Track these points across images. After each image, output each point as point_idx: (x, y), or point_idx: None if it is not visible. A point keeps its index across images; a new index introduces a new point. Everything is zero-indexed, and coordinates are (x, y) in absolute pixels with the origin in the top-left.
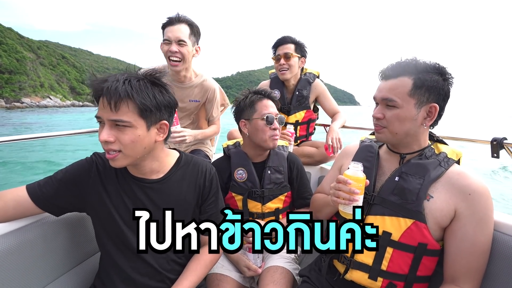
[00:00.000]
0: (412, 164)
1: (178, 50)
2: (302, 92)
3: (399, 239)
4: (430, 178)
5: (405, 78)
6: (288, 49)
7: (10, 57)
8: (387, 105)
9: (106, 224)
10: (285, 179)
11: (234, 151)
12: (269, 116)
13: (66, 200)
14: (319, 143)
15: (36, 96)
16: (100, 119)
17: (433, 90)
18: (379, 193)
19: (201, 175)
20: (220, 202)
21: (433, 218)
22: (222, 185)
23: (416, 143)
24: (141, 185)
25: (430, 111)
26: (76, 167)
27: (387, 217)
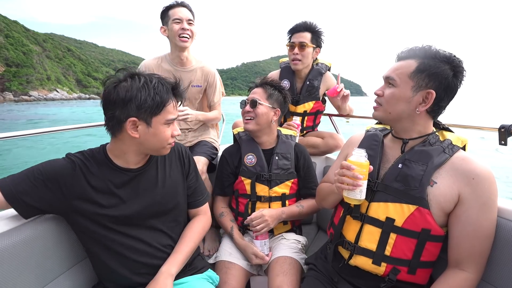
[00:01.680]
0: (415, 151)
1: (189, 28)
2: (313, 83)
3: (403, 225)
4: (433, 165)
5: (411, 61)
6: (303, 38)
7: (17, 50)
8: (389, 84)
9: (93, 224)
10: (292, 165)
11: (245, 138)
12: (242, 100)
13: (44, 199)
14: (325, 133)
15: (43, 89)
16: (173, 119)
17: (435, 77)
18: (383, 180)
19: (178, 153)
20: (199, 176)
21: (437, 204)
22: (233, 169)
23: (415, 129)
24: (128, 173)
25: (426, 97)
26: (56, 165)
27: (390, 203)
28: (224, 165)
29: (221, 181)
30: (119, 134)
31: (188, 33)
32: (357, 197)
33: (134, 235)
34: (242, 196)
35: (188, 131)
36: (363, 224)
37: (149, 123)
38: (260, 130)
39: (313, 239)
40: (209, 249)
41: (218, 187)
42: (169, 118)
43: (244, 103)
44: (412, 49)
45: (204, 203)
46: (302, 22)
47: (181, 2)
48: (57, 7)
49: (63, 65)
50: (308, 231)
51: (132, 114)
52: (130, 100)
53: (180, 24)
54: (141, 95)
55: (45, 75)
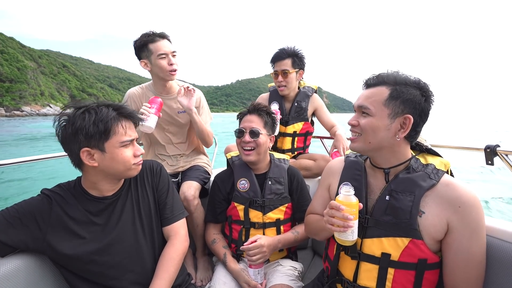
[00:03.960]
0: (400, 180)
1: (175, 62)
2: (301, 104)
3: (399, 259)
4: (420, 193)
5: (383, 88)
6: (285, 66)
7: (11, 66)
8: (362, 113)
9: (73, 258)
10: (285, 190)
11: (237, 162)
12: (238, 129)
13: (19, 238)
14: (317, 156)
15: (36, 104)
16: (132, 140)
17: (409, 103)
18: (372, 215)
19: (149, 170)
20: (171, 191)
21: (427, 233)
22: (225, 195)
23: (394, 156)
24: (105, 201)
25: (404, 122)
26: (31, 202)
27: (383, 238)
28: (216, 191)
29: (213, 208)
30: (82, 166)
31: (175, 67)
32: (349, 238)
33: (116, 263)
34: (235, 222)
35: (180, 156)
36: (359, 262)
37: (103, 149)
38: (260, 159)
39: (309, 264)
40: (201, 279)
41: (210, 214)
42: (122, 140)
43: (242, 133)
44: (380, 76)
45: (175, 220)
46: (281, 50)
47: (160, 33)
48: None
49: (58, 80)
50: (303, 256)
51: (83, 145)
52: (76, 132)
53: (166, 59)
54: (85, 124)
55: (38, 91)
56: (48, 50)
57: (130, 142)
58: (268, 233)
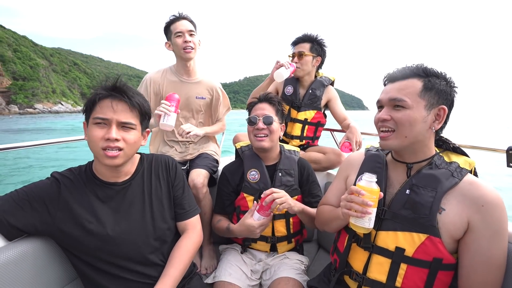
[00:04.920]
0: (422, 175)
1: (191, 40)
2: (315, 92)
3: (413, 255)
4: (442, 190)
5: (414, 80)
6: (302, 48)
7: (24, 64)
8: (395, 106)
9: (81, 244)
10: (295, 182)
11: (247, 153)
12: (251, 117)
13: (29, 221)
14: (326, 149)
15: (48, 102)
16: (106, 120)
17: (442, 94)
18: (390, 207)
19: (164, 165)
20: (187, 187)
21: (446, 231)
22: (234, 187)
23: (422, 150)
24: (115, 188)
25: (438, 114)
26: (41, 186)
27: (399, 232)
28: (224, 183)
29: (221, 200)
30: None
31: (191, 44)
32: (365, 226)
33: (123, 253)
34: (243, 213)
35: (189, 143)
36: (371, 254)
37: (87, 123)
38: (273, 147)
39: (314, 258)
40: (206, 267)
41: (219, 206)
42: (96, 116)
43: (256, 120)
44: (408, 68)
45: (192, 215)
46: (303, 35)
47: (180, 15)
48: (65, 23)
49: (69, 78)
50: (308, 249)
51: (86, 117)
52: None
53: (182, 37)
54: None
55: (50, 88)
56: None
57: (102, 121)
58: (277, 225)
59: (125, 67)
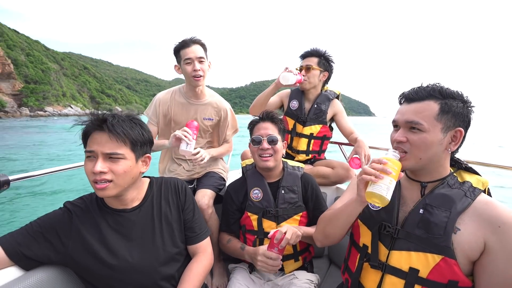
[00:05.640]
0: (436, 195)
1: (200, 68)
2: (321, 106)
3: (428, 276)
4: (456, 210)
5: (431, 102)
6: (310, 62)
7: (36, 68)
8: (411, 128)
9: (95, 274)
10: (299, 198)
11: (250, 171)
12: (255, 138)
13: (43, 252)
14: (335, 163)
15: (58, 105)
16: (93, 153)
17: (459, 116)
18: (403, 227)
19: (173, 188)
20: (197, 210)
21: (462, 252)
22: (238, 205)
23: (437, 170)
24: (125, 215)
25: (455, 135)
26: (53, 216)
27: (413, 252)
28: (229, 201)
29: (227, 218)
30: None
31: (200, 73)
32: (383, 193)
33: (135, 281)
34: (249, 232)
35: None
36: (384, 274)
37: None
38: (276, 166)
39: (325, 274)
40: (217, 286)
41: (224, 224)
42: (86, 149)
43: (260, 140)
44: (423, 89)
45: (203, 238)
46: (311, 49)
47: (190, 39)
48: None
49: (79, 82)
50: (319, 265)
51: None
52: None
53: (192, 64)
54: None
55: (60, 92)
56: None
57: (91, 154)
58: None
59: (133, 72)
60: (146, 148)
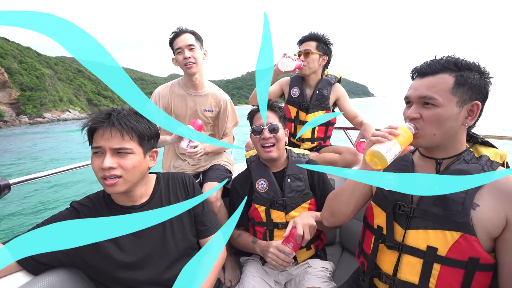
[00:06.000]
0: (452, 171)
1: (191, 55)
2: (323, 92)
3: (447, 254)
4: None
5: (445, 75)
6: (308, 46)
7: (30, 75)
8: (425, 104)
9: (105, 274)
10: (306, 186)
11: (254, 163)
12: (255, 128)
13: (52, 255)
14: (342, 148)
15: (56, 110)
16: (101, 148)
17: (476, 88)
18: (419, 205)
19: (181, 183)
20: (206, 204)
21: (482, 229)
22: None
23: (453, 146)
24: (134, 211)
25: (471, 109)
26: (61, 217)
27: (430, 230)
28: (235, 195)
29: None
30: None
31: (191, 60)
32: (382, 151)
33: (146, 278)
34: (258, 224)
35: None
36: (401, 254)
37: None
38: (280, 155)
39: (339, 261)
40: (230, 279)
41: None
42: (93, 145)
43: (261, 130)
44: (437, 62)
45: (214, 232)
46: (309, 33)
47: (181, 29)
48: None
49: (74, 85)
50: (332, 253)
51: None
52: None
53: (182, 53)
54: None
55: (57, 97)
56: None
57: (98, 149)
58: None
59: (128, 71)
60: (153, 142)
